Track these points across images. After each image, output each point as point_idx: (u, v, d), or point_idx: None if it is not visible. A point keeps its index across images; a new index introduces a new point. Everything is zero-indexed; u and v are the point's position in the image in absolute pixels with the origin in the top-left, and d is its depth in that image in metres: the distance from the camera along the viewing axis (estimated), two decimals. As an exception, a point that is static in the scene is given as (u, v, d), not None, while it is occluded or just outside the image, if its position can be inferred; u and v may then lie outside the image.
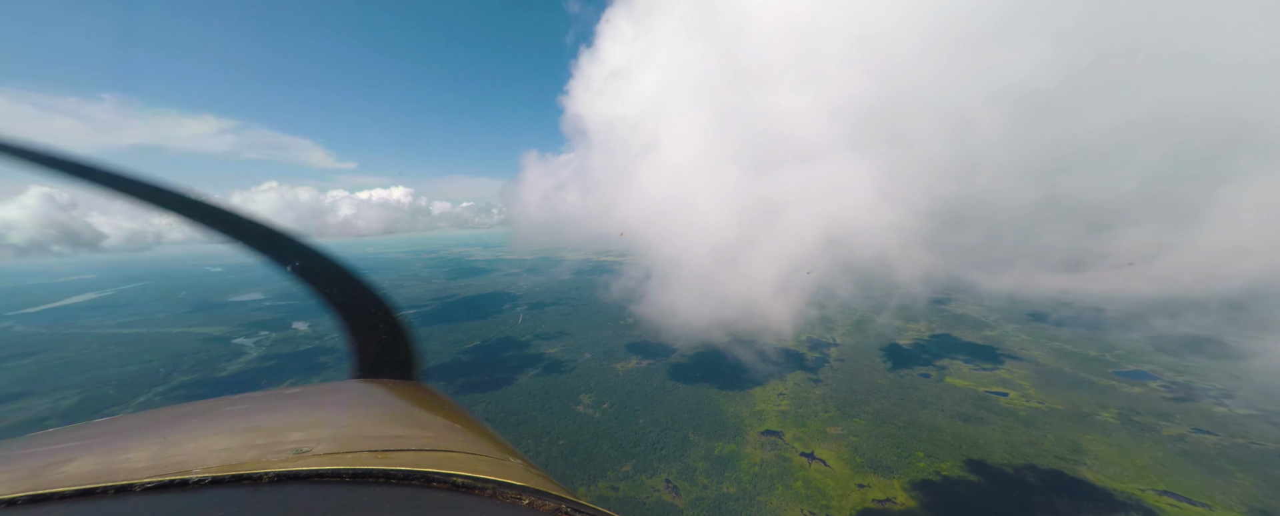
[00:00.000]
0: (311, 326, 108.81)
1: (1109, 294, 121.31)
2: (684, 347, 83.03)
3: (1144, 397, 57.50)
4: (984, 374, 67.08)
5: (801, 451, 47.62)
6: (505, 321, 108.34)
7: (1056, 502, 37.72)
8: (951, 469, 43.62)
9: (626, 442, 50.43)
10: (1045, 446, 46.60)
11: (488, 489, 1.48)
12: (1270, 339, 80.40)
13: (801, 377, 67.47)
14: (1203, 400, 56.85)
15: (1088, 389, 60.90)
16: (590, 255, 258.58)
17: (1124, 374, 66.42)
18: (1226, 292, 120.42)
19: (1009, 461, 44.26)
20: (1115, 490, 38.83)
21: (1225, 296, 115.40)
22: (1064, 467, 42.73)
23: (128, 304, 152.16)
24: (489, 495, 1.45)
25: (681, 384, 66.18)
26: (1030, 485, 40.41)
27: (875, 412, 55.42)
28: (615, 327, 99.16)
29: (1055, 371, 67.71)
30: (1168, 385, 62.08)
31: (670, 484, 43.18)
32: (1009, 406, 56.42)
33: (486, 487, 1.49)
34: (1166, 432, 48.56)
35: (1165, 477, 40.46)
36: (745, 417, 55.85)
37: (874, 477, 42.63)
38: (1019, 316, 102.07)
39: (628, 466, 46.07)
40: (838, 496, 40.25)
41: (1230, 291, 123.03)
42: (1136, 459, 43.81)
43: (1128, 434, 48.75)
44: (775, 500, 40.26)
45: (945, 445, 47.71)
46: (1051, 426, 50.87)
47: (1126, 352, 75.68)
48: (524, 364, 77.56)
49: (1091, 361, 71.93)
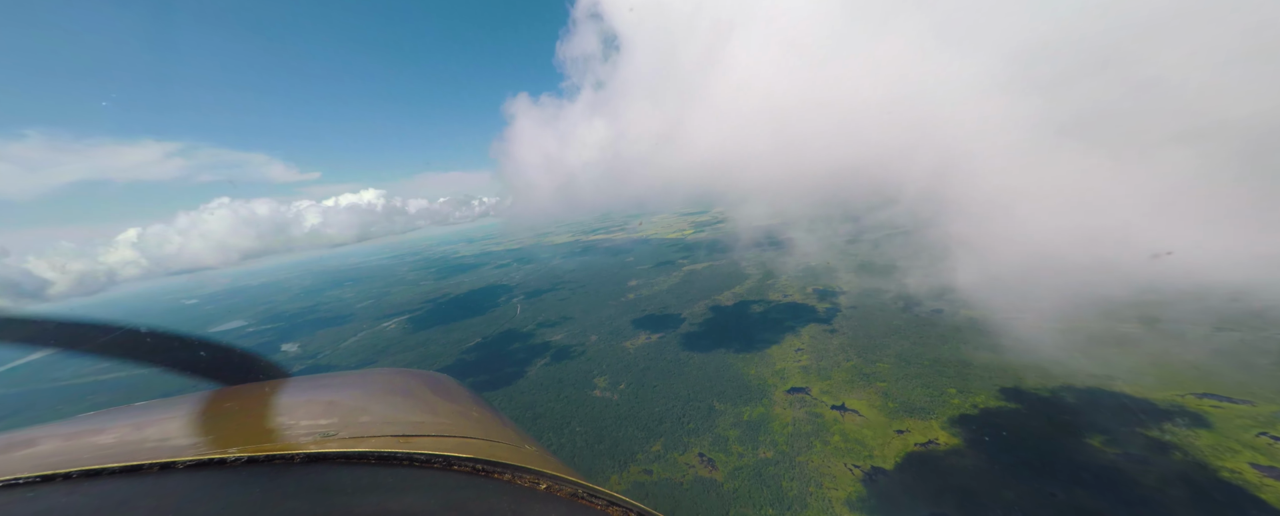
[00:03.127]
0: (302, 346, 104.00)
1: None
2: (692, 316, 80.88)
3: (1162, 304, 57.11)
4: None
5: (832, 405, 46.14)
6: (504, 314, 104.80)
7: (1100, 420, 36.78)
8: (987, 400, 42.52)
9: (651, 421, 48.46)
10: (1076, 365, 45.77)
11: (506, 473, 1.53)
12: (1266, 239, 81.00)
13: (817, 330, 65.93)
14: (1216, 298, 56.69)
15: (1105, 302, 60.34)
16: (578, 236, 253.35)
17: (1136, 282, 66.10)
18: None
19: (1043, 385, 43.31)
20: (1156, 399, 38.02)
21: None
22: (1099, 384, 41.88)
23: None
24: (508, 479, 1.50)
25: (697, 353, 64.18)
26: (1070, 405, 39.47)
27: (898, 355, 54.14)
28: (618, 305, 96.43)
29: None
30: (1177, 288, 61.89)
31: (704, 457, 41.43)
32: (1030, 332, 55.55)
33: (505, 472, 1.54)
34: (1192, 336, 48.07)
35: (1201, 380, 39.80)
36: (768, 378, 54.19)
37: (911, 421, 41.33)
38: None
39: (657, 446, 44.16)
40: (879, 445, 38.88)
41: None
42: (1168, 365, 43.15)
43: (1154, 342, 48.17)
44: (815, 458, 38.77)
45: (975, 378, 46.62)
46: (1079, 344, 50.09)
47: (1134, 261, 75.47)
48: (531, 354, 74.76)
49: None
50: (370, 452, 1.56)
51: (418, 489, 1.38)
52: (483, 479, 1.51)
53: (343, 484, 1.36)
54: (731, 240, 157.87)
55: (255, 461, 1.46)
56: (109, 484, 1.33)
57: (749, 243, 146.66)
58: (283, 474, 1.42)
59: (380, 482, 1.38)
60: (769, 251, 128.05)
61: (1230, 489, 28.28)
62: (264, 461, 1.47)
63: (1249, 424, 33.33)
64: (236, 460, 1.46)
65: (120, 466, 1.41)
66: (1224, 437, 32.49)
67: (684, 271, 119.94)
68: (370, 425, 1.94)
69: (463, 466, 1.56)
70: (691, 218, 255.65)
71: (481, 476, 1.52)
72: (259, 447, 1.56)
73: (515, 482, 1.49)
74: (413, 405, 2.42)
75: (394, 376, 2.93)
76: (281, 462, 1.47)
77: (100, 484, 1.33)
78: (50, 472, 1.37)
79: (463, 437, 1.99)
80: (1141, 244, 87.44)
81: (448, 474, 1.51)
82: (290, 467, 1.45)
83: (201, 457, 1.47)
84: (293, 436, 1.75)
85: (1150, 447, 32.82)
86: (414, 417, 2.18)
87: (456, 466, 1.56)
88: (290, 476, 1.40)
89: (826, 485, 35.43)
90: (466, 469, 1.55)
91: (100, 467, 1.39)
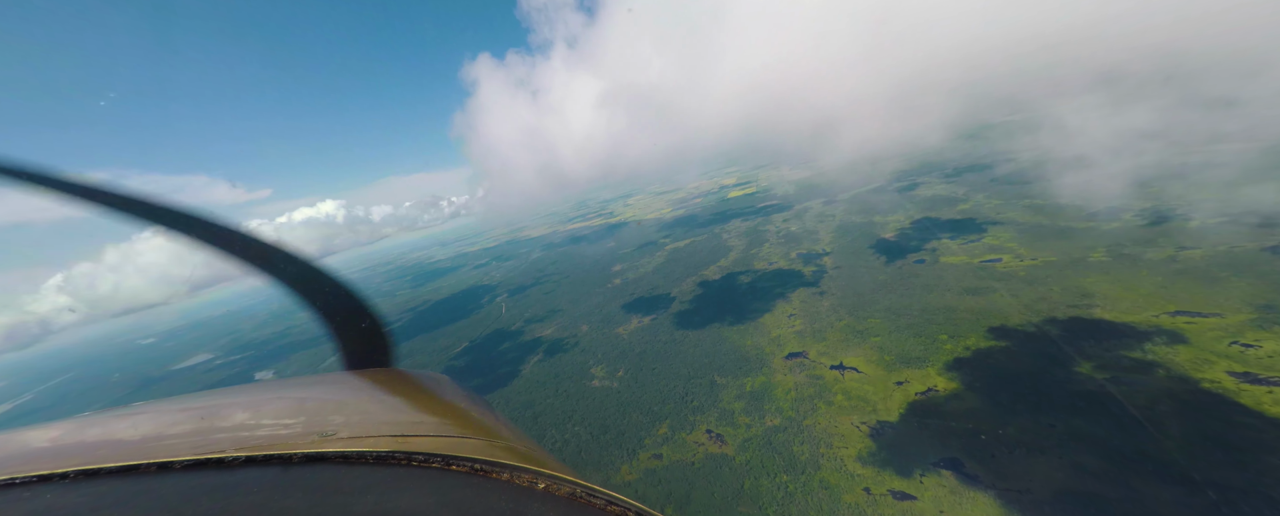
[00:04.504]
0: (278, 372, 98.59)
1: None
2: (681, 294, 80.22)
3: (1124, 231, 59.64)
4: (973, 245, 67.91)
5: (831, 365, 46.46)
6: (489, 315, 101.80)
7: (1087, 346, 38.10)
8: (977, 342, 43.56)
9: (654, 404, 47.82)
10: (1055, 298, 47.32)
11: (504, 472, 1.53)
12: (1209, 150, 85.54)
13: (806, 293, 66.30)
14: (1174, 219, 59.58)
15: (1071, 235, 62.65)
16: (556, 226, 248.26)
17: (1096, 213, 68.87)
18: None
19: (1027, 321, 44.62)
20: (1134, 322, 39.60)
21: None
22: (1079, 313, 43.39)
23: (58, 403, 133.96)
24: (506, 478, 1.51)
25: (691, 330, 63.67)
26: (1055, 337, 40.76)
27: (887, 309, 54.91)
28: (605, 292, 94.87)
29: (1036, 226, 69.41)
30: (1138, 213, 64.82)
31: (712, 433, 41.13)
32: (1006, 270, 57.20)
33: (503, 471, 1.54)
34: (1156, 258, 50.33)
35: (1172, 299, 41.67)
36: (765, 347, 54.20)
37: (909, 372, 41.98)
38: (982, 183, 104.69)
39: (663, 428, 43.62)
40: (881, 399, 39.35)
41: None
42: (1139, 288, 45.04)
43: (1122, 268, 50.22)
44: (822, 419, 38.97)
45: (963, 322, 47.68)
46: (1052, 278, 51.83)
47: (1090, 193, 78.57)
48: (523, 352, 72.80)
49: (1064, 209, 74.26)
50: (368, 452, 1.54)
51: (416, 488, 1.37)
52: (481, 478, 1.50)
53: (341, 483, 1.35)
54: (711, 214, 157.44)
55: (253, 461, 1.44)
56: (106, 483, 1.31)
57: (731, 214, 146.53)
58: (281, 474, 1.39)
59: (379, 482, 1.37)
60: (752, 220, 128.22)
61: (1213, 397, 29.66)
62: (262, 461, 1.44)
63: (1221, 335, 35.04)
64: (234, 460, 1.44)
65: (117, 466, 1.38)
66: (1200, 351, 34.07)
67: (667, 250, 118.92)
68: (368, 425, 1.91)
69: (461, 466, 1.55)
70: (668, 196, 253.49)
71: (479, 475, 1.51)
72: (257, 447, 1.53)
73: (513, 482, 1.49)
74: (411, 405, 2.40)
75: (392, 376, 2.91)
76: (279, 462, 1.44)
77: (97, 483, 1.31)
78: (47, 472, 1.35)
79: (461, 437, 1.97)
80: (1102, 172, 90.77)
81: (446, 473, 1.50)
82: (288, 467, 1.43)
83: (199, 457, 1.45)
84: (290, 436, 1.73)
85: (1135, 368, 34.16)
86: (412, 417, 2.17)
87: (455, 466, 1.55)
88: (288, 476, 1.38)
89: (836, 445, 35.65)
90: (465, 468, 1.54)
91: (97, 467, 1.37)
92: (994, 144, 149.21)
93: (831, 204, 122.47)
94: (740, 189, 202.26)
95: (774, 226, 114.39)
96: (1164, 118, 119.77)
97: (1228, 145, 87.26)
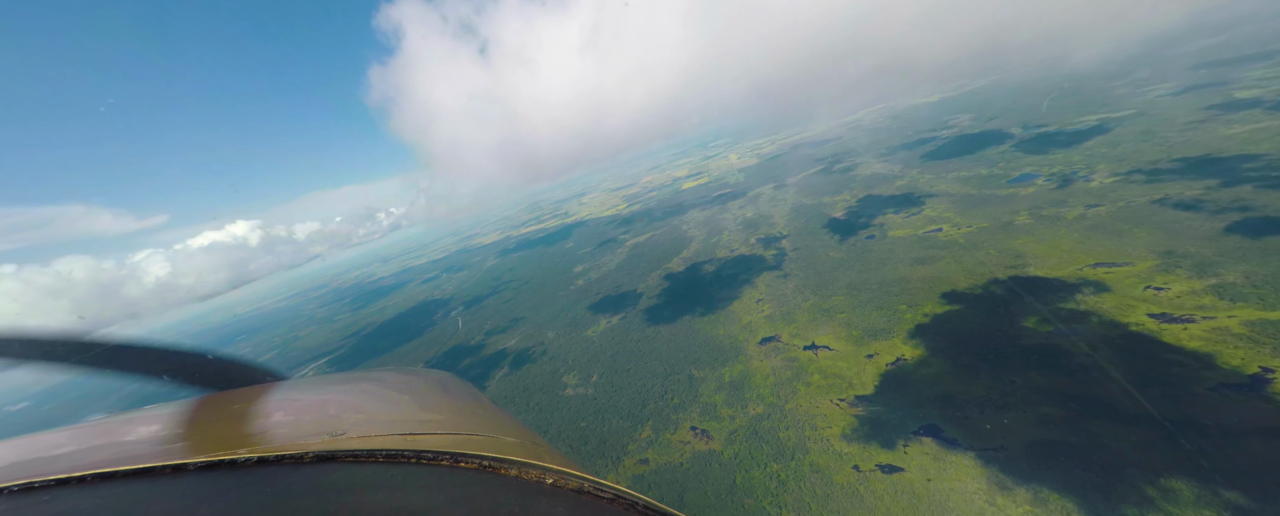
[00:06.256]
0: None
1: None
2: (647, 289, 78.78)
3: (1039, 195, 65.85)
4: (915, 218, 72.27)
5: (804, 346, 47.00)
6: (444, 331, 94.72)
7: (1028, 302, 41.06)
8: (933, 308, 45.82)
9: (634, 407, 45.98)
10: (993, 261, 50.98)
11: (513, 468, 1.57)
12: (1089, 118, 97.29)
13: (770, 277, 67.26)
14: (1076, 182, 66.67)
15: (996, 202, 68.31)
16: (508, 232, 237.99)
17: (1014, 181, 75.79)
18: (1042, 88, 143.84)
19: (974, 284, 47.64)
20: (1063, 277, 43.30)
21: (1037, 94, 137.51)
22: (1017, 272, 46.92)
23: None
24: (515, 475, 1.54)
25: (662, 326, 62.40)
26: (1001, 297, 43.71)
27: (848, 285, 56.75)
28: (568, 294, 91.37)
29: (965, 197, 75.16)
30: (1048, 178, 72.02)
31: (697, 430, 40.03)
32: (947, 239, 61.16)
33: (512, 467, 1.58)
34: (1070, 217, 55.79)
35: (1090, 253, 46.13)
36: (737, 335, 54.06)
37: (877, 344, 43.27)
38: (913, 161, 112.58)
39: (646, 431, 41.93)
40: (855, 374, 40.15)
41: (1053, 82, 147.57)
42: (1061, 246, 49.55)
43: (1044, 228, 55.19)
44: (803, 402, 39.08)
45: (918, 290, 50.12)
46: (988, 242, 55.98)
47: (1004, 164, 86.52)
48: (487, 367, 68.02)
49: (986, 179, 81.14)
50: (379, 450, 1.57)
51: (426, 485, 1.40)
52: (490, 474, 1.53)
53: (352, 482, 1.38)
54: (667, 207, 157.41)
55: (266, 461, 1.48)
56: (123, 485, 1.35)
57: (688, 205, 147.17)
58: (293, 473, 1.43)
59: (389, 480, 1.40)
60: (708, 209, 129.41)
61: (1141, 337, 32.73)
62: (274, 461, 1.48)
63: (1135, 282, 39.01)
64: (247, 460, 1.48)
65: (134, 468, 1.42)
66: (1122, 297, 37.68)
67: (628, 246, 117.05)
68: (378, 423, 1.93)
69: (470, 462, 1.58)
70: (621, 192, 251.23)
71: (488, 472, 1.54)
72: (269, 448, 1.56)
73: (522, 478, 1.52)
74: (420, 403, 2.42)
75: (400, 375, 3.04)
76: (291, 462, 1.49)
77: (114, 486, 1.35)
78: (65, 476, 1.39)
79: (469, 434, 1.98)
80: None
81: (455, 470, 1.53)
82: (300, 466, 1.47)
83: (213, 458, 1.49)
84: (302, 436, 1.75)
85: (1072, 319, 37.14)
86: (421, 415, 2.18)
87: (464, 463, 1.57)
88: (301, 475, 1.42)
89: (820, 425, 35.76)
90: (474, 465, 1.57)
91: (114, 470, 1.41)
92: (919, 124, 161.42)
93: (781, 188, 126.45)
94: (693, 180, 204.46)
95: (731, 214, 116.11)
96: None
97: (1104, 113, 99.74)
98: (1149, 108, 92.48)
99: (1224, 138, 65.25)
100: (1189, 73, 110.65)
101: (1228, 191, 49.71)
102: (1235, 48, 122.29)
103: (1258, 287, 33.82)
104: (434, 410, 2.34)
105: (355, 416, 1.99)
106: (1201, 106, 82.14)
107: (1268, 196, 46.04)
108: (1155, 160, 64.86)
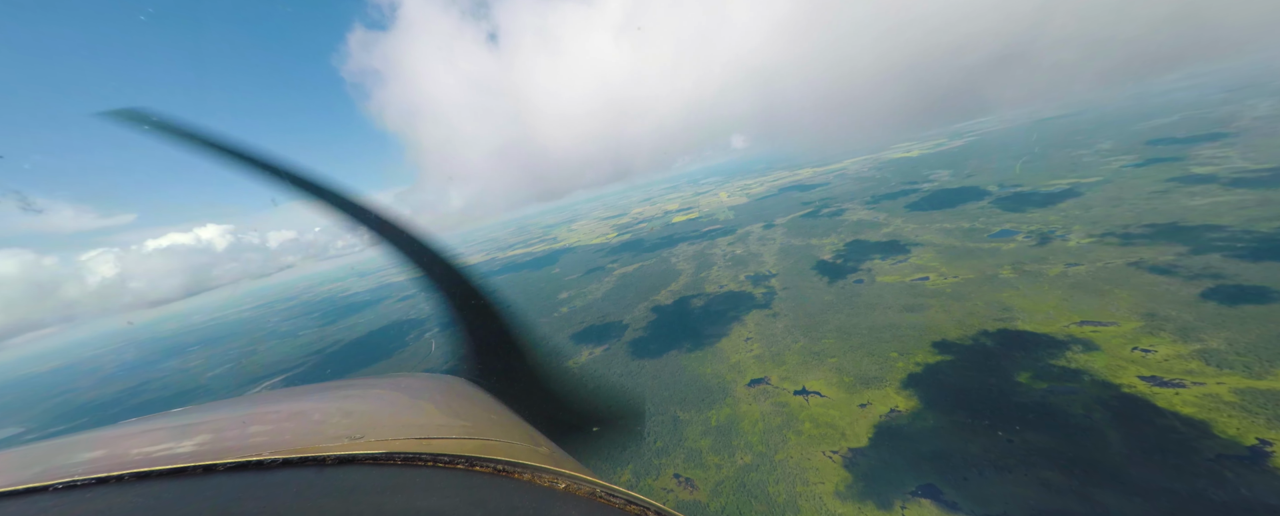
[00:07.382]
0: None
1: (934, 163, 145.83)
2: (634, 321, 76.66)
3: (1020, 251, 67.76)
4: (903, 266, 73.26)
5: (794, 390, 45.30)
6: (417, 353, 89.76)
7: (1018, 357, 40.68)
8: (925, 357, 45.07)
9: (613, 449, 42.80)
10: (981, 312, 51.16)
11: (526, 473, 1.61)
12: (1060, 182, 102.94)
13: (759, 316, 66.25)
14: (1054, 240, 69.08)
15: (980, 255, 69.94)
16: (494, 253, 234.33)
17: (995, 235, 78.26)
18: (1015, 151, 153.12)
19: (964, 334, 47.36)
20: (1052, 333, 43.38)
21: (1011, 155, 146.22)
22: (1005, 325, 46.96)
23: None
24: (528, 479, 1.58)
25: (648, 360, 60.04)
26: (991, 349, 43.33)
27: (838, 328, 56.01)
28: (552, 321, 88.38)
29: (950, 248, 76.96)
30: (1027, 235, 74.57)
31: (681, 478, 37.21)
32: (935, 288, 61.70)
33: (525, 471, 1.62)
34: (1052, 273, 57.10)
35: (1075, 310, 46.68)
36: (725, 374, 52.08)
37: (869, 392, 41.90)
38: (898, 210, 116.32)
39: (626, 475, 38.83)
40: (848, 424, 38.41)
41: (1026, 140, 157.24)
42: (1046, 302, 50.19)
43: (1028, 283, 56.18)
44: (793, 452, 36.91)
45: (908, 338, 49.57)
46: (975, 293, 56.52)
47: (984, 219, 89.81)
48: (456, 396, 63.68)
49: (968, 232, 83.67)
50: (396, 453, 1.63)
51: (442, 488, 1.44)
52: (503, 478, 1.57)
53: (372, 484, 1.45)
54: (657, 239, 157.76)
55: (290, 463, 1.55)
56: (157, 485, 1.43)
57: (678, 238, 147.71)
58: (316, 475, 1.50)
59: (407, 483, 1.46)
60: (697, 243, 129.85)
61: (1135, 401, 32.23)
62: (298, 463, 1.55)
63: (1123, 342, 39.17)
64: (272, 462, 1.55)
65: (167, 469, 1.50)
66: (1112, 357, 37.60)
67: (616, 275, 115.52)
68: (396, 427, 2.01)
69: (484, 467, 1.62)
70: (612, 220, 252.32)
71: (502, 476, 1.58)
72: (293, 450, 1.63)
73: (535, 482, 1.55)
74: (435, 408, 2.50)
75: (416, 381, 3.13)
76: (314, 464, 1.55)
77: (149, 485, 1.43)
78: (104, 475, 1.47)
79: (483, 439, 2.05)
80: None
81: (470, 474, 1.57)
82: (323, 469, 1.53)
83: (241, 460, 1.56)
84: (324, 439, 1.83)
85: (1065, 376, 36.68)
86: (437, 420, 2.27)
87: (478, 467, 1.62)
88: (323, 477, 1.49)
89: (812, 479, 33.53)
90: (488, 469, 1.61)
91: (148, 470, 1.49)
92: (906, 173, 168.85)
93: (770, 228, 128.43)
94: (683, 214, 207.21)
95: (720, 249, 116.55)
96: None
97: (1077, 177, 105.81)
98: (1115, 176, 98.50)
99: (1187, 208, 69.14)
100: (1147, 147, 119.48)
101: (1198, 258, 51.76)
102: (1186, 127, 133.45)
103: (1242, 355, 34.14)
104: (449, 415, 2.38)
105: (373, 420, 2.04)
106: (1163, 178, 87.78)
107: (1236, 266, 47.97)
108: (1126, 224, 67.93)
